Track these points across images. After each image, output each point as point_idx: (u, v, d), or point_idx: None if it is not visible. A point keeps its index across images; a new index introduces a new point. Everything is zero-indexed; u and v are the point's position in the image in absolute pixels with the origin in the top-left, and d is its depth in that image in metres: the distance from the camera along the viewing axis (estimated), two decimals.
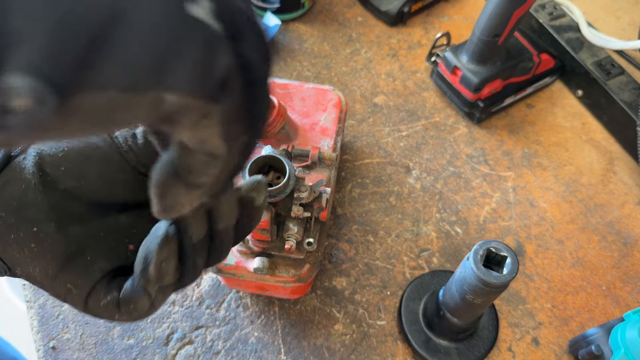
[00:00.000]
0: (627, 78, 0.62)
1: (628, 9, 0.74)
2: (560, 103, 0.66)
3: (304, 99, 0.53)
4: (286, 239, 0.42)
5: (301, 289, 0.47)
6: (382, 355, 0.47)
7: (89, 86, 0.16)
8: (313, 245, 0.43)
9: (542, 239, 0.55)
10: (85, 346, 0.46)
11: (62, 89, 0.15)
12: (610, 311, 0.51)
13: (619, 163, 0.61)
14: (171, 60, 0.18)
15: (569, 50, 0.64)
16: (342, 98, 0.53)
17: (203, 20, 0.18)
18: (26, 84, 0.15)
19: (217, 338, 0.47)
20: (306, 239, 0.43)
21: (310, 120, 0.52)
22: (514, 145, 0.61)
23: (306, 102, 0.53)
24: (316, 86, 0.54)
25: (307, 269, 0.44)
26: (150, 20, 0.17)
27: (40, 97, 0.15)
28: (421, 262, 0.52)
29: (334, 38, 0.69)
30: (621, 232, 0.55)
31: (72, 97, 0.16)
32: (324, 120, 0.51)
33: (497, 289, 0.36)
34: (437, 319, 0.45)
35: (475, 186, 0.58)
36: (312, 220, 0.43)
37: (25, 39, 0.14)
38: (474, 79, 0.58)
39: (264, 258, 0.43)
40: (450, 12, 0.74)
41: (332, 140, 0.50)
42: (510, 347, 0.48)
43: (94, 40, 0.16)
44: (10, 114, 0.15)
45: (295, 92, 0.54)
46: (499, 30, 0.55)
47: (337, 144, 0.50)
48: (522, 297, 0.51)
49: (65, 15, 0.15)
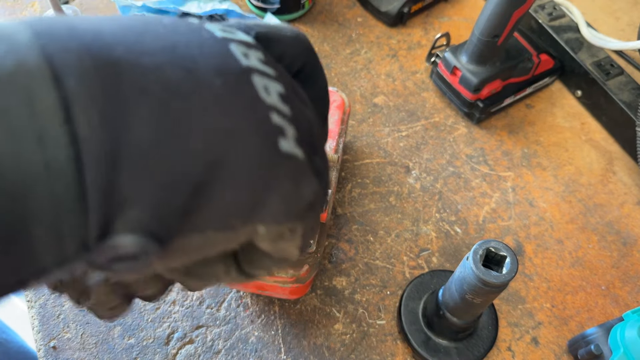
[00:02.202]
0: (627, 78, 0.62)
1: (627, 9, 0.74)
2: (559, 103, 0.66)
3: None
4: None
5: (300, 290, 0.47)
6: (382, 354, 0.47)
7: (190, 231, 0.17)
8: (312, 247, 0.43)
9: (542, 238, 0.55)
10: (85, 346, 0.46)
11: (164, 239, 0.16)
12: (609, 311, 0.51)
13: (619, 163, 0.61)
14: (264, 196, 0.18)
15: (569, 50, 0.64)
16: (345, 100, 0.53)
17: (291, 153, 0.19)
18: (134, 241, 0.16)
19: (217, 337, 0.47)
20: None
21: None
22: (513, 145, 0.61)
23: None
24: None
25: (306, 269, 0.44)
26: (248, 163, 0.18)
27: (145, 248, 0.16)
28: (421, 261, 0.52)
29: (334, 38, 0.70)
30: (621, 232, 0.55)
31: (173, 243, 0.17)
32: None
33: (496, 288, 0.36)
34: (437, 319, 0.45)
35: (475, 186, 0.58)
36: None
37: (133, 200, 0.15)
38: (474, 79, 0.58)
39: None
40: (450, 13, 0.74)
41: (334, 141, 0.50)
42: (510, 346, 0.48)
43: (195, 191, 0.16)
44: (117, 261, 0.16)
45: None
46: (499, 30, 0.55)
47: (339, 145, 0.50)
48: (522, 297, 0.51)
49: (169, 173, 0.16)
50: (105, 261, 0.16)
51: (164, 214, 0.16)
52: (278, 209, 0.19)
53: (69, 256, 0.15)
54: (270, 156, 0.18)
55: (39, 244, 0.14)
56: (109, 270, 0.16)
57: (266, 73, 0.19)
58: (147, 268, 0.17)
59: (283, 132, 0.19)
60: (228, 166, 0.17)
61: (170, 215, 0.16)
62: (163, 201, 0.16)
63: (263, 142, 0.18)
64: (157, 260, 0.17)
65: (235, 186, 0.17)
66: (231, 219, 0.18)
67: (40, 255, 0.15)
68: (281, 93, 0.19)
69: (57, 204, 0.14)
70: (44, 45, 0.15)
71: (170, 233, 0.17)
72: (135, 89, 0.15)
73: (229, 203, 0.17)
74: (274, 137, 0.18)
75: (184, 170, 0.16)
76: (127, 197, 0.15)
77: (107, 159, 0.15)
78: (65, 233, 0.15)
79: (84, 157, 0.14)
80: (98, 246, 0.15)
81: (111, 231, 0.15)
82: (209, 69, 0.18)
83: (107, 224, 0.15)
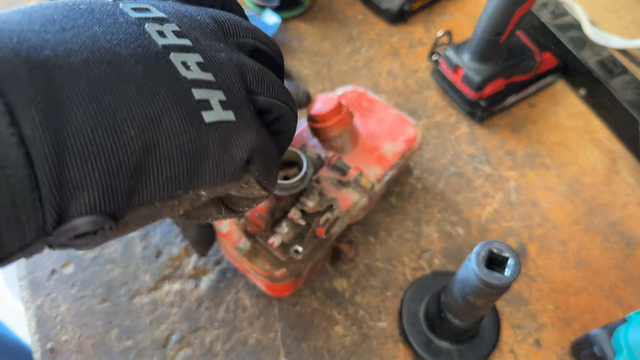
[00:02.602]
0: (630, 77, 0.61)
1: (630, 7, 0.74)
2: (562, 102, 0.65)
3: (381, 120, 0.52)
4: (273, 234, 0.41)
5: (275, 289, 0.46)
6: (383, 357, 0.47)
7: (137, 205, 0.20)
8: (299, 255, 0.42)
9: (545, 239, 0.54)
10: (83, 348, 0.46)
11: (115, 215, 0.19)
12: (613, 312, 0.50)
13: (622, 162, 0.60)
14: (199, 165, 0.21)
15: (571, 49, 0.64)
16: (418, 137, 0.51)
17: (218, 120, 0.21)
18: (89, 220, 0.18)
19: (215, 340, 0.47)
20: (295, 246, 0.42)
21: (375, 143, 0.50)
22: (516, 144, 0.61)
23: (381, 125, 0.52)
24: (400, 114, 0.53)
25: (282, 272, 0.43)
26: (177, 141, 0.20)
27: (99, 225, 0.18)
28: (422, 263, 0.52)
29: (334, 36, 0.69)
30: (624, 232, 0.55)
31: (125, 217, 0.19)
32: (387, 149, 0.50)
33: (499, 290, 0.36)
34: (439, 321, 0.44)
35: (477, 186, 0.57)
36: (309, 231, 0.43)
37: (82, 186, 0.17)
38: (476, 77, 0.58)
39: (249, 241, 0.43)
40: (452, 10, 0.73)
41: (381, 170, 0.49)
42: (512, 348, 0.48)
43: (135, 173, 0.19)
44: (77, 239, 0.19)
45: (378, 111, 0.52)
46: (501, 28, 0.54)
47: (385, 177, 0.49)
48: (524, 299, 0.50)
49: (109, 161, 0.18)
50: (67, 240, 0.18)
51: (112, 194, 0.18)
52: (213, 175, 0.21)
53: (31, 241, 0.17)
54: (195, 131, 0.20)
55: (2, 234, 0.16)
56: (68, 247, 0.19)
57: (183, 46, 0.21)
58: (106, 240, 0.20)
59: (207, 104, 0.21)
60: (160, 147, 0.19)
61: (118, 195, 0.18)
62: (109, 184, 0.18)
63: (187, 120, 0.20)
64: (114, 232, 0.20)
65: (170, 163, 0.20)
66: (173, 189, 0.20)
67: (4, 242, 0.17)
68: (200, 62, 0.21)
69: (13, 198, 0.16)
70: None
71: (121, 209, 0.19)
72: (68, 88, 0.17)
73: (168, 178, 0.20)
74: (197, 112, 0.20)
75: (122, 156, 0.18)
76: (77, 184, 0.17)
77: (53, 154, 0.17)
78: (24, 222, 0.17)
79: (33, 154, 0.16)
80: (57, 230, 0.18)
81: (67, 216, 0.18)
82: (129, 57, 0.19)
83: (62, 209, 0.17)
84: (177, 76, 0.20)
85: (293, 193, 0.40)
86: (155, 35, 0.21)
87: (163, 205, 0.21)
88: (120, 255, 0.51)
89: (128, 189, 0.19)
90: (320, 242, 0.44)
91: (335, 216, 0.42)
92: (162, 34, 0.21)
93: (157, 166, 0.19)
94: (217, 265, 0.50)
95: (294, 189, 0.39)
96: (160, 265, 0.50)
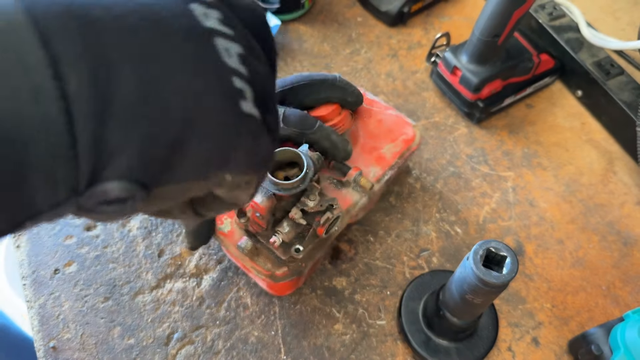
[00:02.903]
0: (627, 78, 0.62)
1: (627, 9, 0.74)
2: (560, 103, 0.66)
3: (381, 121, 0.52)
4: (275, 234, 0.42)
5: (276, 288, 0.47)
6: (382, 355, 0.47)
7: (169, 181, 0.20)
8: (300, 254, 0.42)
9: (542, 238, 0.55)
10: (85, 346, 0.46)
11: (148, 187, 0.19)
12: (610, 311, 0.51)
13: (619, 163, 0.61)
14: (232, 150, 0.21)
15: (569, 50, 0.64)
16: (417, 137, 0.52)
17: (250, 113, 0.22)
18: (122, 187, 0.18)
19: (217, 338, 0.47)
20: (296, 245, 0.43)
21: (374, 143, 0.50)
22: (514, 145, 0.61)
23: (381, 125, 0.52)
24: (400, 115, 0.53)
25: (283, 271, 0.43)
26: (217, 122, 0.20)
27: (131, 194, 0.18)
28: (421, 262, 0.52)
29: (333, 38, 0.70)
30: (621, 232, 0.55)
31: (155, 190, 0.19)
32: (386, 149, 0.50)
33: (496, 288, 0.36)
34: (437, 319, 0.45)
35: (475, 186, 0.58)
36: (310, 231, 0.43)
37: (121, 150, 0.17)
38: (474, 79, 0.58)
39: (251, 240, 0.43)
40: (451, 12, 0.74)
41: (381, 170, 0.49)
42: (510, 346, 0.48)
43: (173, 146, 0.19)
44: (107, 204, 0.18)
45: (377, 112, 0.53)
46: (499, 30, 0.55)
47: (385, 177, 0.49)
48: (522, 297, 0.51)
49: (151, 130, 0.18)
50: (94, 204, 0.18)
51: (149, 163, 0.18)
52: (242, 161, 0.22)
53: (62, 200, 0.17)
54: (234, 116, 0.21)
55: (36, 190, 0.16)
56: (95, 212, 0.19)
57: (226, 34, 0.21)
58: (133, 211, 0.20)
59: (243, 95, 0.21)
60: (200, 124, 0.19)
61: (155, 165, 0.18)
62: (148, 152, 0.18)
63: (228, 103, 0.20)
64: (142, 205, 0.20)
65: (207, 141, 0.20)
66: (206, 170, 0.21)
67: (37, 199, 0.16)
68: (240, 54, 0.22)
69: (51, 153, 0.16)
70: (28, 7, 0.16)
71: (155, 181, 0.19)
72: (117, 49, 0.17)
73: (204, 156, 0.20)
74: (236, 99, 0.21)
75: (164, 125, 0.18)
76: (115, 147, 0.17)
77: (95, 113, 0.16)
78: (59, 180, 0.16)
79: (75, 111, 0.16)
80: (88, 191, 0.17)
81: (101, 178, 0.17)
82: (178, 30, 0.19)
83: (97, 171, 0.17)
84: (220, 60, 0.20)
85: (294, 193, 0.40)
86: (200, 15, 0.21)
87: (192, 184, 0.21)
88: (122, 254, 0.51)
89: (164, 161, 0.19)
90: (320, 241, 0.44)
91: (335, 215, 0.43)
92: (206, 16, 0.21)
93: (195, 142, 0.19)
94: (219, 264, 0.51)
95: (294, 189, 0.40)
96: (163, 264, 0.51)
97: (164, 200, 0.21)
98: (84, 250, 0.51)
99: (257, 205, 0.40)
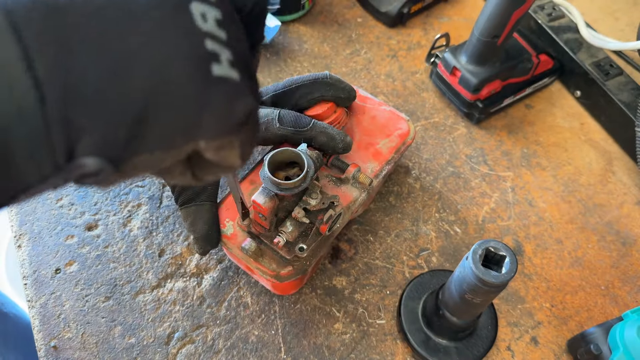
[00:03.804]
0: (626, 78, 0.62)
1: (626, 9, 0.74)
2: (559, 103, 0.66)
3: (374, 117, 0.53)
4: (278, 234, 0.42)
5: (281, 287, 0.47)
6: (382, 354, 0.47)
7: (139, 152, 0.20)
8: (304, 252, 0.43)
9: (541, 238, 0.55)
10: (86, 345, 0.46)
11: (118, 159, 0.20)
12: (609, 311, 0.51)
13: (618, 163, 0.61)
14: (200, 116, 0.21)
15: (568, 51, 0.65)
16: (411, 131, 0.52)
17: (225, 76, 0.21)
18: (91, 162, 0.19)
19: (217, 337, 0.47)
20: (300, 244, 0.43)
21: (369, 139, 0.51)
22: (513, 145, 0.62)
23: (375, 121, 0.52)
24: (393, 110, 0.53)
25: (288, 270, 0.44)
26: (182, 89, 0.20)
27: (102, 167, 0.20)
28: (420, 261, 0.53)
29: (333, 39, 0.70)
30: (620, 232, 0.56)
31: (126, 162, 0.20)
32: (382, 144, 0.51)
33: (495, 288, 0.36)
34: (437, 318, 0.45)
35: (475, 186, 0.58)
36: (312, 229, 0.43)
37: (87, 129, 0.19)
38: (473, 79, 0.58)
39: (255, 242, 0.43)
40: (450, 13, 0.74)
41: (378, 166, 0.49)
42: (509, 346, 0.48)
43: (137, 120, 0.20)
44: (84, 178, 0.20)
45: (371, 109, 0.53)
46: (498, 31, 0.55)
47: (382, 172, 0.49)
48: (521, 297, 0.51)
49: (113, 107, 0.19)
50: (76, 177, 0.20)
51: (114, 139, 0.19)
52: (213, 127, 0.22)
53: (47, 174, 0.19)
54: (203, 82, 0.21)
55: (23, 166, 0.18)
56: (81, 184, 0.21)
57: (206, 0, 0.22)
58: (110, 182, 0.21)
59: (217, 57, 0.21)
60: (165, 94, 0.20)
61: (120, 140, 0.19)
62: (112, 128, 0.19)
63: (195, 69, 0.20)
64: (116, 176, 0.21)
65: (173, 111, 0.20)
66: (174, 139, 0.21)
67: (25, 176, 0.19)
68: (218, 19, 0.22)
69: (31, 136, 0.18)
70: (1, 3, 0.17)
71: (122, 155, 0.20)
72: (80, 33, 0.18)
73: (170, 125, 0.20)
74: (206, 62, 0.21)
75: (126, 101, 0.19)
76: (82, 127, 0.19)
77: (62, 97, 0.18)
78: (42, 157, 0.18)
79: (46, 97, 0.18)
80: (67, 166, 0.19)
81: (76, 154, 0.19)
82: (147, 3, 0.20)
83: (70, 149, 0.19)
84: (192, 25, 0.21)
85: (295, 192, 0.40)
86: None
87: (164, 154, 0.21)
88: (123, 254, 0.51)
89: (129, 136, 0.20)
90: (323, 239, 0.45)
91: (337, 212, 0.43)
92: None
93: (160, 113, 0.20)
94: (219, 264, 0.51)
95: (296, 189, 0.40)
96: (163, 263, 0.51)
97: (139, 170, 0.22)
98: (85, 249, 0.51)
99: (260, 207, 0.41)
